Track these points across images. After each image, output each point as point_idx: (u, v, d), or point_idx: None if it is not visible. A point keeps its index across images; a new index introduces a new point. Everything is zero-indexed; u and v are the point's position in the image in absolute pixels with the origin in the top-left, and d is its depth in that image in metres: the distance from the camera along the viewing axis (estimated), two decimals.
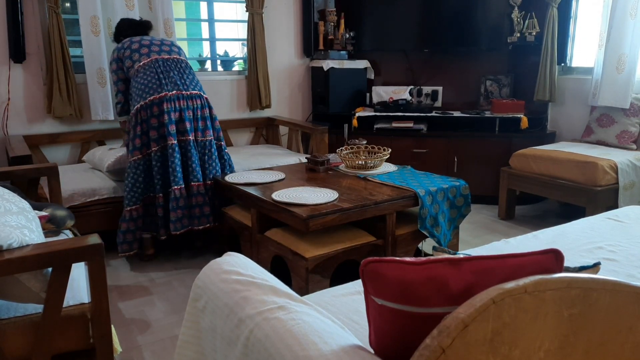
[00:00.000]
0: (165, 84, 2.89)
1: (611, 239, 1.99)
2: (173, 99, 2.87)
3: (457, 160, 4.09)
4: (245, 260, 1.37)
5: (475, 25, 4.27)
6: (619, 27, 3.58)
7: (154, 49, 2.99)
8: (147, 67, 2.92)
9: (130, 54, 2.97)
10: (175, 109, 2.88)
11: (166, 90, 2.87)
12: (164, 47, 3.04)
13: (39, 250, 1.36)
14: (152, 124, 2.85)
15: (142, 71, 2.92)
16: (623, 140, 3.59)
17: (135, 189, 2.87)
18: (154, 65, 2.93)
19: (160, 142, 2.87)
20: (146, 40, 3.03)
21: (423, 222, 2.55)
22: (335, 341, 0.98)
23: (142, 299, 2.61)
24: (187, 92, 2.93)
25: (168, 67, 2.96)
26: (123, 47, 3.01)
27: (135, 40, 3.02)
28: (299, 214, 2.23)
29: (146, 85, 2.87)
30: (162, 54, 3.00)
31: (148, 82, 2.88)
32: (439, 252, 1.35)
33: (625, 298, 0.85)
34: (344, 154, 3.01)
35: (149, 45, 3.00)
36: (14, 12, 3.26)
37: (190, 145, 2.92)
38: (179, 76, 2.97)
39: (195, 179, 2.93)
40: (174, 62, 3.01)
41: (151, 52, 2.97)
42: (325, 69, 4.32)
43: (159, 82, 2.88)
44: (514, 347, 0.78)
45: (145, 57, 2.95)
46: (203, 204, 2.95)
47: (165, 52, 3.02)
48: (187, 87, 2.96)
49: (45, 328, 1.43)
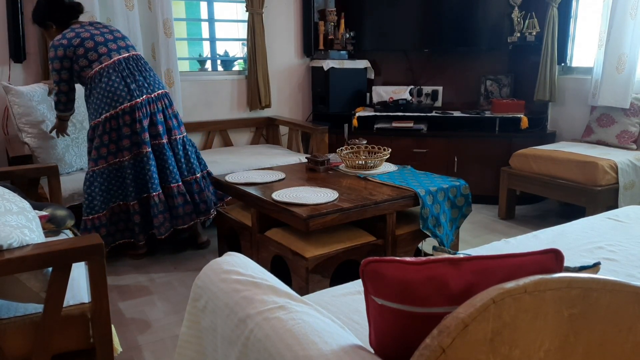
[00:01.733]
0: (134, 90, 2.81)
1: (611, 239, 1.99)
2: (144, 104, 2.82)
3: (457, 160, 4.09)
4: (245, 260, 1.37)
5: (475, 25, 4.28)
6: (619, 27, 3.58)
7: (111, 47, 2.83)
8: (110, 71, 2.79)
9: (84, 52, 2.77)
10: (146, 115, 2.84)
11: (136, 97, 2.80)
12: (119, 43, 2.88)
13: (39, 250, 1.37)
14: (124, 132, 2.80)
15: (106, 75, 2.78)
16: (623, 140, 3.59)
17: (100, 197, 2.83)
18: (117, 67, 2.81)
19: (134, 149, 2.84)
20: (97, 34, 2.83)
21: (425, 222, 2.55)
22: (335, 341, 0.98)
23: (142, 299, 2.61)
24: (154, 93, 2.89)
25: (131, 67, 2.86)
26: (71, 45, 2.76)
27: (85, 37, 2.78)
28: (299, 213, 2.23)
29: (114, 92, 2.77)
30: (121, 52, 2.85)
31: (115, 89, 2.77)
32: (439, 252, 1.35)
33: (625, 298, 0.85)
34: (344, 153, 3.01)
35: (105, 43, 2.82)
36: (14, 12, 3.26)
37: (165, 148, 2.91)
38: (143, 77, 2.89)
39: (175, 181, 2.94)
40: (134, 60, 2.90)
41: (111, 52, 2.82)
42: (325, 69, 4.32)
43: (127, 88, 2.79)
44: (514, 347, 0.78)
45: (107, 57, 2.80)
46: (184, 203, 2.98)
47: (122, 48, 2.87)
48: (153, 87, 2.91)
49: (45, 328, 1.43)
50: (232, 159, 3.60)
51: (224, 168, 3.36)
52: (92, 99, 2.84)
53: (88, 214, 2.81)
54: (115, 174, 2.87)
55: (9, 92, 2.96)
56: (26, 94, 3.00)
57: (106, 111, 2.79)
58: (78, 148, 3.21)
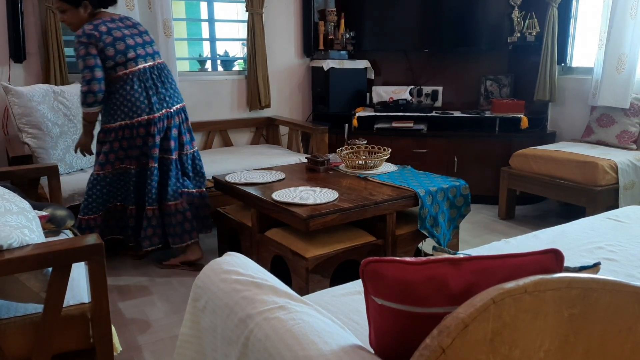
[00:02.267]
0: (155, 103, 2.75)
1: (611, 239, 1.99)
2: (162, 118, 2.77)
3: (457, 160, 4.09)
4: (245, 260, 1.37)
5: (475, 26, 4.28)
6: (619, 27, 3.58)
7: (139, 52, 2.75)
8: (134, 79, 2.73)
9: (113, 54, 2.67)
10: (161, 130, 2.79)
11: (155, 111, 2.75)
12: (147, 49, 2.80)
13: (39, 250, 1.37)
14: (136, 143, 2.77)
15: (129, 83, 2.72)
16: (623, 140, 3.59)
17: (100, 200, 2.80)
18: (141, 77, 2.75)
19: (142, 159, 2.81)
20: (128, 35, 2.73)
21: (423, 222, 2.55)
22: (335, 341, 0.98)
23: (142, 299, 2.61)
24: (174, 107, 2.84)
25: (155, 78, 2.79)
26: (102, 40, 2.63)
27: (117, 36, 2.68)
28: (299, 213, 2.23)
29: (133, 103, 2.72)
30: (147, 60, 2.77)
31: (136, 100, 2.72)
32: (439, 252, 1.35)
33: (625, 298, 0.85)
34: (344, 154, 3.01)
35: (134, 47, 2.74)
36: (14, 12, 3.26)
37: (172, 165, 2.85)
38: (165, 89, 2.82)
39: (173, 199, 2.84)
40: (158, 69, 2.83)
41: (138, 58, 2.74)
42: (325, 69, 4.32)
43: (147, 100, 2.74)
44: (514, 347, 0.78)
45: (133, 63, 2.72)
46: (183, 220, 2.86)
47: (149, 55, 2.80)
48: (173, 101, 2.85)
49: (45, 328, 1.43)
50: (232, 159, 3.60)
51: (224, 168, 3.36)
52: (110, 103, 2.76)
53: (84, 214, 2.80)
54: (119, 178, 2.84)
55: (9, 93, 2.96)
56: (26, 94, 3.00)
57: (122, 119, 2.74)
58: None
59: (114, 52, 2.68)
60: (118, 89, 2.73)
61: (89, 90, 2.64)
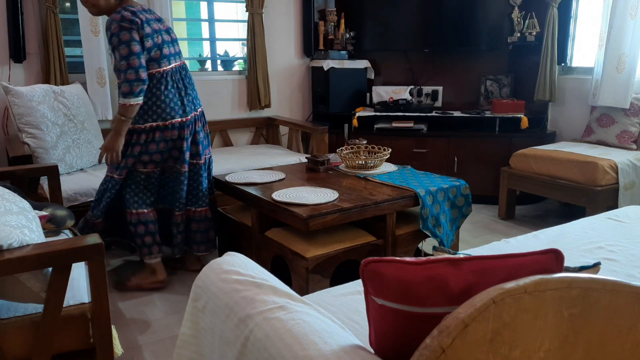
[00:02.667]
0: (187, 104, 2.64)
1: (611, 239, 1.99)
2: (191, 121, 2.67)
3: (457, 160, 4.09)
4: (245, 260, 1.37)
5: (475, 25, 4.28)
6: (619, 27, 3.58)
7: (171, 50, 2.62)
8: (168, 79, 2.59)
9: (151, 45, 2.49)
10: (191, 133, 2.69)
11: (187, 113, 2.63)
12: (175, 47, 2.67)
13: (39, 250, 1.37)
14: (160, 148, 2.61)
15: (164, 83, 2.57)
16: (623, 140, 3.59)
17: (104, 204, 2.66)
18: (173, 77, 2.62)
19: (169, 162, 2.68)
20: (163, 30, 2.60)
21: (425, 223, 2.55)
22: (335, 341, 0.98)
23: (142, 299, 2.61)
24: (199, 109, 2.75)
25: (183, 78, 2.67)
26: (142, 27, 2.44)
27: (155, 29, 2.52)
28: (299, 213, 2.23)
29: (167, 104, 2.56)
30: (176, 59, 2.64)
31: (170, 101, 2.57)
32: (439, 252, 1.35)
33: (625, 298, 0.85)
34: (344, 153, 3.01)
35: (168, 44, 2.60)
36: (14, 12, 3.26)
37: (202, 169, 2.76)
38: (192, 90, 2.72)
39: (204, 204, 2.78)
40: (184, 69, 2.71)
41: (170, 57, 2.60)
42: (325, 69, 4.32)
43: (181, 102, 2.62)
44: (514, 347, 0.78)
45: (166, 62, 2.57)
46: (209, 228, 2.81)
47: (177, 54, 2.67)
48: (197, 103, 2.75)
49: (45, 328, 1.43)
50: (232, 159, 3.60)
51: (224, 168, 3.36)
52: (146, 102, 2.57)
53: (91, 216, 2.70)
54: (132, 182, 2.67)
55: (9, 93, 2.96)
56: (26, 94, 3.00)
57: (153, 120, 2.56)
58: (79, 149, 3.21)
59: (152, 44, 2.50)
60: (151, 88, 2.54)
61: (138, 78, 2.40)
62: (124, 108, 2.44)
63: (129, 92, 2.41)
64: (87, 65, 3.48)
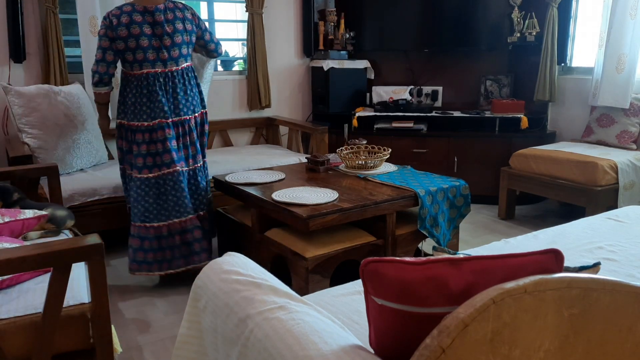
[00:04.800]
0: (176, 107, 2.72)
1: (611, 239, 1.99)
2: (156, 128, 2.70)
3: (457, 160, 4.09)
4: (245, 260, 1.38)
5: (475, 25, 4.28)
6: (619, 27, 3.58)
7: (159, 56, 2.69)
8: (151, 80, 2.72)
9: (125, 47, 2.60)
10: (178, 136, 2.73)
11: (152, 118, 2.67)
12: (173, 52, 2.68)
13: (39, 250, 1.36)
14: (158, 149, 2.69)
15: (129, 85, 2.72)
16: (623, 140, 3.59)
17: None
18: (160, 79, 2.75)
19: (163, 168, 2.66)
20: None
21: (423, 222, 2.55)
22: (335, 341, 0.98)
23: (142, 299, 2.61)
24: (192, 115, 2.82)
25: (176, 82, 2.75)
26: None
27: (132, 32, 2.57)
28: (299, 214, 2.23)
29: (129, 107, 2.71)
30: (167, 65, 2.73)
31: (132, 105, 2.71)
32: (439, 252, 1.35)
33: (625, 298, 0.85)
34: (344, 154, 3.01)
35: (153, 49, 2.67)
36: (14, 12, 3.26)
37: (178, 178, 2.70)
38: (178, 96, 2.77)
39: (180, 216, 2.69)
40: (180, 74, 2.78)
41: (158, 62, 2.71)
42: (325, 69, 4.32)
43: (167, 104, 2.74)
44: (514, 347, 0.78)
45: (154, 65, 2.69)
46: (202, 237, 2.73)
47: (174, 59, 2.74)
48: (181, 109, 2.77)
49: (45, 328, 1.42)
50: (232, 159, 3.60)
51: (224, 168, 3.36)
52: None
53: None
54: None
55: (9, 93, 2.96)
56: (26, 94, 3.00)
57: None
58: (79, 149, 3.21)
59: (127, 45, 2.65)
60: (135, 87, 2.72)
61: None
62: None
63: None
64: (86, 65, 3.47)
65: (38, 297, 1.55)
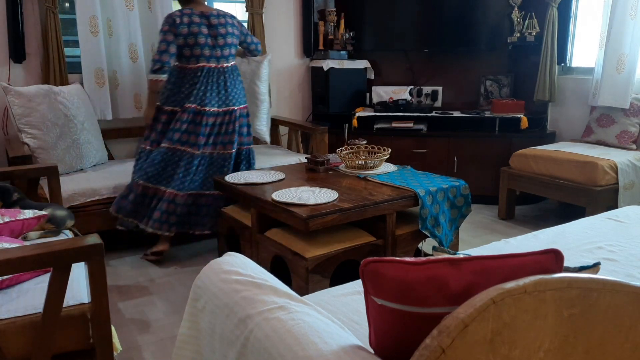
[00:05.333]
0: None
1: (611, 239, 1.99)
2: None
3: (457, 160, 4.09)
4: (245, 260, 1.37)
5: (475, 25, 4.28)
6: (619, 27, 3.58)
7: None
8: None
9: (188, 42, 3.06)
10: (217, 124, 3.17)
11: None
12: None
13: (39, 250, 1.36)
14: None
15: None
16: (623, 140, 3.59)
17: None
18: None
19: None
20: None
21: (424, 223, 2.55)
22: (335, 341, 0.98)
23: (142, 299, 2.61)
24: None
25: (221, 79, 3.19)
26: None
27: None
28: (299, 214, 2.23)
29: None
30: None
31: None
32: (439, 252, 1.35)
33: (625, 298, 0.85)
34: (344, 154, 3.01)
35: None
36: (14, 12, 3.26)
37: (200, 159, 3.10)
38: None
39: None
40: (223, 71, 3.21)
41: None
42: (325, 69, 4.32)
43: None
44: (514, 347, 0.78)
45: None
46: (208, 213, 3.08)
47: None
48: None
49: (45, 328, 1.42)
50: None
51: None
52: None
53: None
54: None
55: (9, 93, 2.96)
56: (26, 94, 3.00)
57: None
58: (78, 149, 3.20)
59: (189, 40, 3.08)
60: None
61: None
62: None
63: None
64: (85, 65, 3.47)
65: (38, 297, 1.54)
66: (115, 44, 3.59)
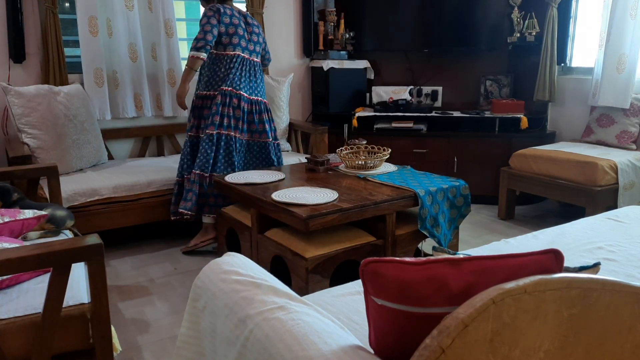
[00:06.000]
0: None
1: (611, 239, 1.99)
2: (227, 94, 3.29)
3: (457, 160, 4.09)
4: (245, 260, 1.37)
5: (475, 26, 4.28)
6: (619, 27, 3.58)
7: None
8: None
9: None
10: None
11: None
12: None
13: (39, 250, 1.36)
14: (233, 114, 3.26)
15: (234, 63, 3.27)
16: (623, 140, 3.59)
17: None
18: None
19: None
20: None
21: (423, 222, 2.55)
22: (335, 341, 0.98)
23: (142, 299, 2.61)
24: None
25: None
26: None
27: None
28: (299, 214, 2.23)
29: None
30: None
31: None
32: (438, 252, 1.35)
33: (625, 298, 0.85)
34: (344, 154, 3.01)
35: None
36: (14, 12, 3.26)
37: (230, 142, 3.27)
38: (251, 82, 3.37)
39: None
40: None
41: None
42: (325, 69, 4.32)
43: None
44: (514, 347, 0.78)
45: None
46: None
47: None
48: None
49: (45, 328, 1.42)
50: None
51: None
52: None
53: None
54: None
55: (9, 93, 2.96)
56: (26, 94, 3.00)
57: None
58: (78, 149, 3.20)
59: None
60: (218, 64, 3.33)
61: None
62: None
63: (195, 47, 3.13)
64: (85, 65, 3.47)
65: (38, 297, 1.55)
66: (115, 44, 3.59)
